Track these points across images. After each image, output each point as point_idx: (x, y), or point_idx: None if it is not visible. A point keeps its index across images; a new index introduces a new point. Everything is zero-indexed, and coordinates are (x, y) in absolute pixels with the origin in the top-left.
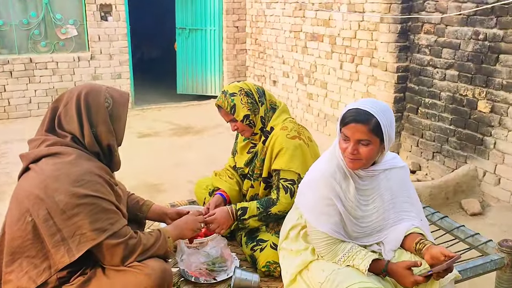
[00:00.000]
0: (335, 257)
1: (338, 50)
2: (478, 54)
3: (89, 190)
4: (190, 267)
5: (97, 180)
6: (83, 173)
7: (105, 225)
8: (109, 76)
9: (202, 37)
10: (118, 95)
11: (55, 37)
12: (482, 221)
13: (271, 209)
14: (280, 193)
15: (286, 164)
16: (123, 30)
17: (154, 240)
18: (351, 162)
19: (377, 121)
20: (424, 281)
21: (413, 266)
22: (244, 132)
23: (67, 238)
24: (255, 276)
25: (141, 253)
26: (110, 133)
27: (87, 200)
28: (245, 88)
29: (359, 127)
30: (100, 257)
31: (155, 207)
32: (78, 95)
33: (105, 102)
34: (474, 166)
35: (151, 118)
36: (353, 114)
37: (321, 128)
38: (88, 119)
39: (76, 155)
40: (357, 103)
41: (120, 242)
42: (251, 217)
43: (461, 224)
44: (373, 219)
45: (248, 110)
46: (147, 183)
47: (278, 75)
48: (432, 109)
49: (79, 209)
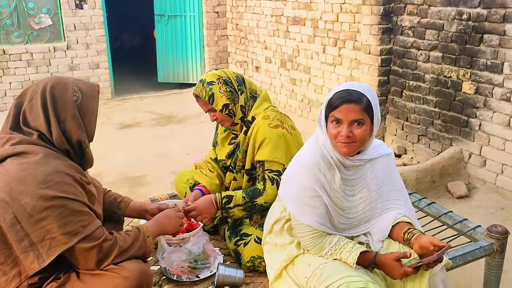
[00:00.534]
0: (322, 251)
1: (320, 33)
2: (462, 35)
3: (57, 191)
4: (172, 265)
5: (67, 180)
6: (50, 173)
7: (76, 228)
8: (86, 66)
9: (182, 23)
10: (88, 88)
11: (28, 27)
12: (469, 203)
13: (257, 200)
14: (266, 184)
15: (270, 155)
16: (100, 18)
17: (131, 240)
18: (346, 147)
19: (368, 99)
20: (413, 272)
21: (402, 257)
22: (224, 122)
23: (36, 243)
24: (239, 272)
25: (118, 255)
26: (79, 129)
27: (56, 202)
28: (224, 76)
29: (352, 107)
30: (74, 261)
31: (134, 204)
32: (43, 89)
33: (73, 96)
34: (460, 149)
35: (132, 108)
36: (344, 95)
37: (305, 113)
38: (55, 114)
39: (43, 154)
40: (343, 85)
41: (94, 245)
42: (236, 206)
43: (448, 210)
44: (359, 209)
45: (227, 99)
46: (129, 176)
47: (261, 60)
48: (417, 92)
49: (48, 212)
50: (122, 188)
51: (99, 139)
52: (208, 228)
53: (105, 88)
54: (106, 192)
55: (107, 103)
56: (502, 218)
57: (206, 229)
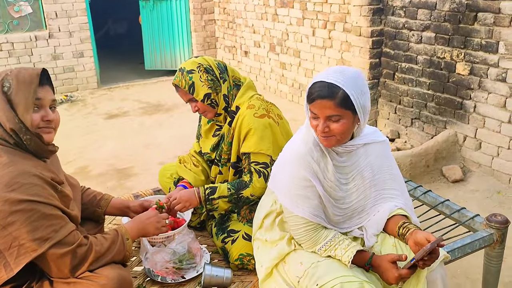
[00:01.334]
0: (316, 246)
1: (309, 16)
2: (455, 14)
3: (24, 194)
4: (156, 266)
5: (35, 182)
6: (17, 174)
7: (47, 233)
8: (70, 55)
9: (168, 8)
10: (25, 74)
11: (8, 16)
12: (464, 187)
13: (243, 192)
14: (253, 177)
15: (256, 146)
16: (82, 5)
17: (109, 244)
18: (325, 140)
19: (345, 92)
20: (409, 273)
21: (398, 260)
22: (207, 113)
23: (3, 251)
24: (227, 271)
25: (94, 261)
26: (9, 120)
27: (23, 206)
28: (204, 64)
29: (325, 103)
30: (46, 269)
31: (115, 201)
32: None
33: (3, 87)
34: (454, 131)
35: (119, 98)
36: (318, 89)
37: (296, 98)
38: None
39: (8, 155)
40: (322, 74)
41: (67, 251)
42: (220, 198)
43: (445, 199)
44: (353, 199)
45: (208, 88)
46: (116, 168)
47: (249, 45)
48: (409, 74)
49: (14, 217)
50: (110, 181)
51: (86, 130)
52: (194, 224)
53: (91, 77)
54: (84, 190)
55: (93, 92)
56: (498, 202)
57: (192, 225)
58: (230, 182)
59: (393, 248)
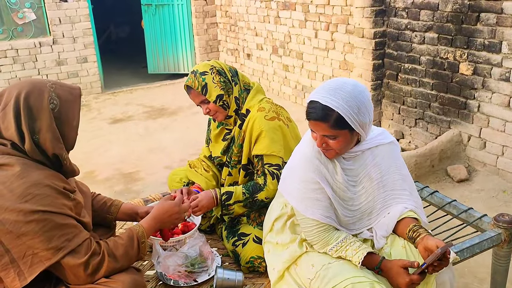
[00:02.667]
0: (327, 246)
1: (312, 18)
2: (458, 14)
3: (38, 205)
4: (168, 270)
5: (47, 192)
6: (30, 185)
7: (60, 243)
8: (74, 61)
9: (170, 12)
10: (67, 92)
11: (12, 23)
12: (470, 187)
13: (258, 195)
14: (267, 179)
15: (268, 149)
16: (85, 10)
17: (123, 250)
18: (325, 152)
19: (339, 115)
20: (419, 280)
21: (410, 266)
22: (218, 115)
23: (17, 260)
24: (239, 274)
25: (109, 270)
26: (56, 140)
27: (37, 217)
28: (217, 66)
29: (320, 124)
30: (63, 277)
31: (125, 207)
32: (17, 96)
33: (50, 104)
34: (458, 131)
35: (123, 102)
36: (313, 110)
37: (299, 100)
38: (28, 125)
39: (22, 166)
40: (319, 91)
41: (80, 263)
42: (236, 203)
43: (452, 199)
44: (362, 201)
45: (221, 90)
46: (122, 172)
47: (252, 47)
48: (413, 75)
49: (28, 227)
50: (117, 185)
51: (91, 135)
52: (204, 228)
53: (95, 82)
54: (94, 196)
55: (98, 97)
56: (504, 201)
57: (202, 229)
58: (245, 185)
59: (402, 250)
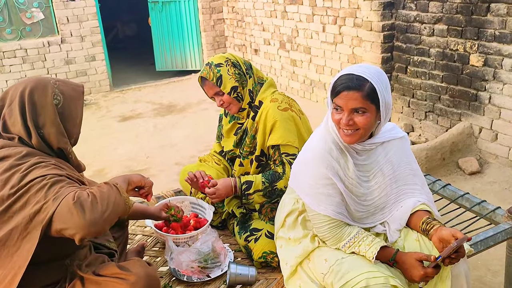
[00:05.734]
0: (340, 242)
1: (319, 12)
2: (467, 5)
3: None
4: (181, 266)
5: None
6: (36, 162)
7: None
8: (82, 59)
9: (177, 9)
10: (70, 89)
11: (20, 23)
12: (482, 179)
13: (277, 184)
14: (285, 168)
15: (283, 138)
16: (92, 9)
17: (106, 188)
18: (347, 136)
19: (372, 85)
20: (434, 273)
21: (426, 260)
22: (231, 107)
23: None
24: (252, 269)
25: (102, 202)
26: (60, 135)
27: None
28: (232, 58)
29: (352, 95)
30: (65, 231)
31: (136, 207)
32: (22, 93)
33: (54, 99)
34: (469, 123)
35: (132, 100)
36: (345, 81)
37: (307, 95)
38: (33, 120)
39: (26, 151)
40: (347, 69)
41: (73, 203)
42: (256, 192)
43: (465, 192)
44: (375, 196)
45: (235, 82)
46: (132, 169)
47: (259, 43)
48: (422, 67)
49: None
50: None
51: (100, 133)
52: (216, 223)
53: (103, 80)
54: None
55: (106, 95)
56: None
57: (213, 225)
58: (264, 174)
59: (416, 243)
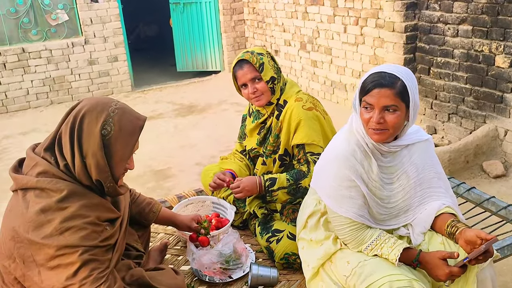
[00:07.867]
0: (361, 245)
1: (340, 13)
2: (493, 5)
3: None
4: (203, 268)
5: (82, 226)
6: (68, 217)
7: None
8: (105, 60)
9: (198, 10)
10: (127, 121)
11: (46, 24)
12: (507, 183)
13: (302, 182)
14: (310, 167)
15: (308, 138)
16: (115, 10)
17: None
18: (377, 134)
19: (404, 83)
20: (460, 272)
21: (449, 257)
22: (262, 98)
23: None
24: (273, 271)
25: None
26: (99, 168)
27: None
28: (270, 53)
29: (384, 92)
30: None
31: (163, 214)
32: (76, 114)
33: (103, 129)
34: (494, 126)
35: (153, 100)
36: (376, 78)
37: (328, 96)
38: (79, 146)
39: (66, 192)
40: (377, 68)
41: None
42: (280, 189)
43: (491, 195)
44: (399, 198)
45: (274, 73)
46: (153, 169)
47: (280, 44)
48: (445, 69)
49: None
50: (149, 182)
51: None
52: (237, 223)
53: (125, 80)
54: (135, 198)
55: (128, 95)
56: None
57: (235, 225)
58: (288, 172)
59: (441, 246)
